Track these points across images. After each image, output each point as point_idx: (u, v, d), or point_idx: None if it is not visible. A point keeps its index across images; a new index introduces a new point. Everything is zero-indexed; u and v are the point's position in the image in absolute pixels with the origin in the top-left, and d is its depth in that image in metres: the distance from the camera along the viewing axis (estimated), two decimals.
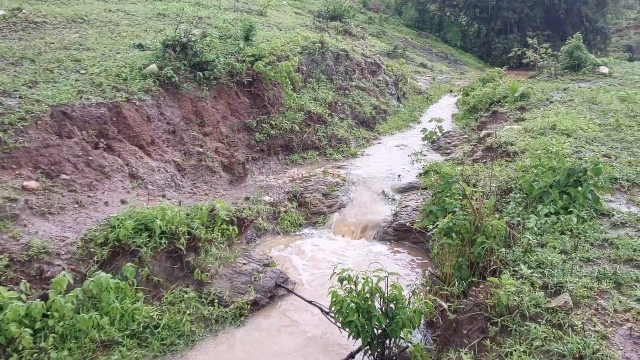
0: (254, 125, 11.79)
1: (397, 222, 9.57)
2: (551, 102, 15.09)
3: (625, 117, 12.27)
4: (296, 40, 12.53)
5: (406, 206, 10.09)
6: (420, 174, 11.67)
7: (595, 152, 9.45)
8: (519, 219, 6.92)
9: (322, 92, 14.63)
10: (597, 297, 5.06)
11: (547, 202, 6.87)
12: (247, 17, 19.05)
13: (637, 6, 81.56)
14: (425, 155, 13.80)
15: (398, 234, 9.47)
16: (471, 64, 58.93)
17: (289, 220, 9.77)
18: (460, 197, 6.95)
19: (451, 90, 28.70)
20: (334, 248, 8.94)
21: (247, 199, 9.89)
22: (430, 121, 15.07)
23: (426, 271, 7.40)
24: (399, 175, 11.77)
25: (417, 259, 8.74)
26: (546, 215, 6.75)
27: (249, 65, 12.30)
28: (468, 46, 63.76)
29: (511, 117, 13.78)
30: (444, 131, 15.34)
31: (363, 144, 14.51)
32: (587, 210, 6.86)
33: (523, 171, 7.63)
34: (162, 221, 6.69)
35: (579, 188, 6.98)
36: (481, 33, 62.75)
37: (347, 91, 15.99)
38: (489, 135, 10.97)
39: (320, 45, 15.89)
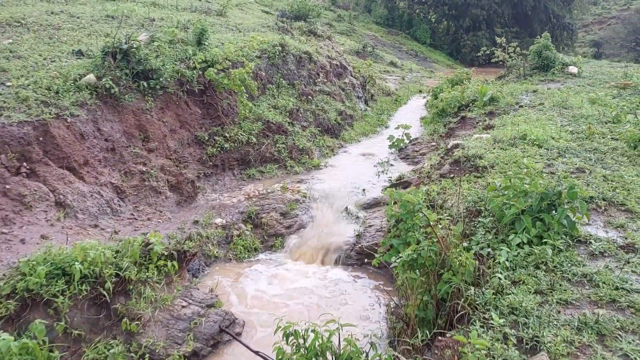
0: (206, 138, 10.88)
1: (360, 245, 8.82)
2: (521, 106, 14.57)
3: (597, 123, 11.80)
4: (251, 45, 11.67)
5: (370, 226, 9.35)
6: (385, 188, 10.96)
7: (568, 164, 8.87)
8: (489, 249, 6.24)
9: (282, 99, 13.78)
10: (578, 353, 4.38)
11: (520, 230, 6.20)
12: (204, 18, 18.07)
13: (601, 1, 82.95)
14: (392, 164, 13.10)
15: (361, 257, 8.72)
16: (441, 61, 58.86)
17: (243, 245, 8.92)
18: (425, 226, 6.21)
19: (420, 91, 28.23)
20: (292, 277, 8.13)
21: (195, 222, 9.00)
22: (397, 128, 14.39)
23: (389, 308, 6.65)
24: (364, 190, 11.03)
25: (381, 287, 8.01)
26: (519, 245, 6.08)
27: (201, 72, 11.36)
28: (438, 43, 63.77)
29: (480, 123, 13.18)
30: (411, 138, 14.67)
31: (327, 153, 13.72)
32: (562, 238, 6.23)
33: (493, 192, 6.95)
34: (83, 264, 5.76)
35: (554, 213, 6.34)
36: (450, 30, 62.82)
37: (310, 97, 15.17)
38: (456, 146, 10.31)
39: (280, 48, 15.01)
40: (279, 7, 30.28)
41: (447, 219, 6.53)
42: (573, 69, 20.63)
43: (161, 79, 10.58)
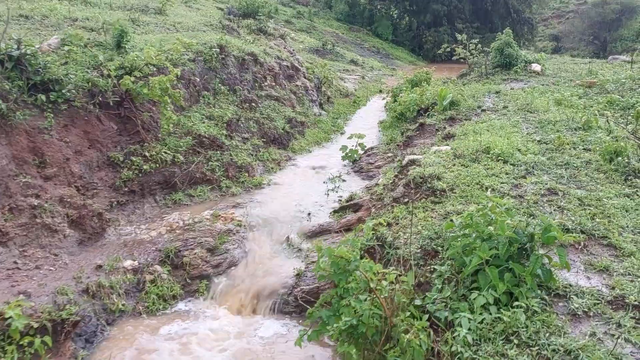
0: (121, 159, 9.24)
1: (299, 289, 7.39)
2: (483, 110, 13.41)
3: (566, 130, 10.69)
4: (176, 48, 10.09)
5: (314, 261, 7.90)
6: (333, 212, 9.57)
7: (537, 185, 7.65)
8: (447, 312, 4.89)
9: (220, 108, 12.20)
10: None
11: (484, 286, 4.87)
12: (137, 17, 16.31)
13: None
14: (344, 180, 11.72)
15: (301, 304, 7.27)
16: (403, 58, 58.03)
17: (158, 294, 7.37)
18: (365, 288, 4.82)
19: (381, 91, 27.01)
20: (213, 338, 6.63)
21: (99, 267, 7.39)
22: (350, 137, 13.02)
23: None
24: (309, 214, 9.62)
25: (327, 343, 6.59)
26: (484, 306, 4.76)
27: (117, 81, 9.71)
28: (400, 40, 62.98)
29: (440, 131, 11.92)
30: (366, 148, 13.32)
31: (272, 168, 12.23)
32: (537, 293, 4.94)
33: (451, 234, 5.61)
34: None
35: (526, 262, 5.04)
36: (412, 26, 62.06)
37: (254, 103, 13.64)
38: (412, 163, 8.98)
39: (218, 50, 13.42)
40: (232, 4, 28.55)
41: (394, 272, 5.15)
42: (536, 67, 19.71)
43: (64, 91, 8.88)
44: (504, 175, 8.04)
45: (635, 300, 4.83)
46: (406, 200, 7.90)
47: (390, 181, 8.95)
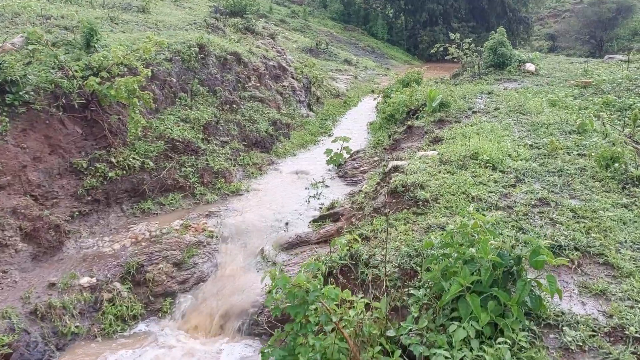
0: (85, 165, 8.63)
1: (269, 309, 6.77)
2: (474, 112, 12.85)
3: (559, 133, 10.13)
4: (145, 47, 9.47)
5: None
6: (313, 221, 8.99)
7: (528, 194, 7.08)
8: (423, 347, 4.31)
9: (196, 110, 11.59)
10: None
11: (465, 317, 4.29)
12: (116, 16, 15.69)
13: None
14: (327, 186, 11.13)
15: (273, 323, 6.67)
16: (398, 57, 57.52)
17: (116, 314, 6.78)
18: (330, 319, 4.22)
19: (373, 91, 26.42)
20: None
21: (52, 285, 6.79)
22: (334, 141, 12.43)
23: None
24: (287, 224, 9.03)
25: None
26: (464, 341, 4.18)
27: (82, 82, 9.10)
28: (395, 39, 62.51)
29: (428, 134, 11.34)
30: (352, 152, 12.73)
31: (253, 173, 11.63)
32: (524, 324, 4.36)
33: (430, 253, 5.03)
34: None
35: (512, 289, 4.47)
36: (408, 25, 61.54)
37: (235, 105, 13.04)
38: (396, 170, 8.40)
39: (198, 49, 12.81)
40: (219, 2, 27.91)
41: (363, 300, 4.56)
42: (530, 67, 19.16)
43: (22, 93, 8.27)
44: (492, 184, 7.47)
45: (635, 332, 4.27)
46: (387, 210, 7.32)
47: (372, 189, 8.37)
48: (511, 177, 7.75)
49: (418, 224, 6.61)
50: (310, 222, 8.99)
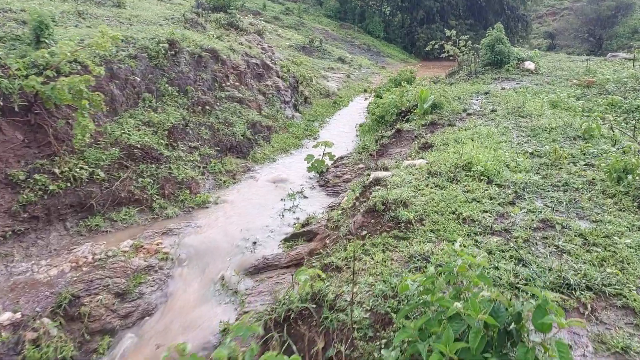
0: (22, 177, 7.53)
1: None
2: (469, 114, 11.79)
3: (563, 139, 9.06)
4: (98, 42, 8.39)
5: (246, 312, 6.25)
6: (284, 240, 7.91)
7: (529, 214, 6.02)
8: None
9: (162, 113, 10.50)
10: None
11: None
12: (84, 9, 14.58)
13: None
14: (306, 197, 10.05)
15: None
16: (395, 55, 56.47)
17: (40, 358, 5.68)
18: None
19: (365, 90, 25.29)
20: None
21: None
22: (316, 146, 11.35)
23: None
24: (255, 243, 7.95)
25: None
26: None
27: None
28: (391, 37, 61.46)
29: (417, 140, 10.28)
30: (335, 158, 11.65)
31: (225, 182, 10.54)
32: None
33: (407, 304, 3.97)
34: None
35: (510, 354, 3.40)
36: (405, 23, 60.44)
37: (208, 106, 11.94)
38: (377, 183, 7.32)
39: (167, 45, 11.71)
40: None
41: None
42: (530, 65, 18.10)
43: None
44: (487, 201, 6.41)
45: None
46: (364, 233, 6.24)
47: (350, 204, 7.29)
48: (509, 192, 6.69)
49: (399, 251, 5.54)
50: (281, 241, 7.92)
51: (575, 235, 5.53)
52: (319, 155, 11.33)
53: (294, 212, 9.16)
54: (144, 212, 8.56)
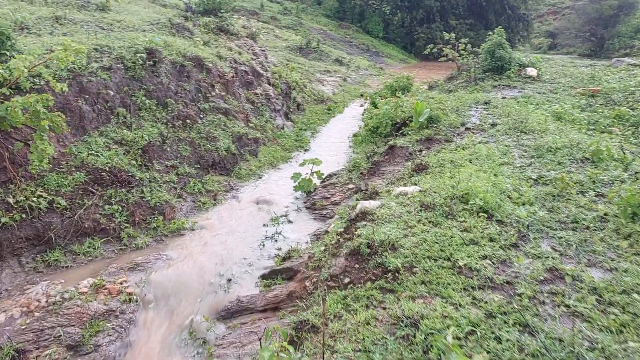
0: None
1: None
2: (467, 128, 11.04)
3: (569, 161, 8.30)
4: (59, 57, 7.62)
5: None
6: (263, 277, 7.17)
7: (534, 261, 5.28)
8: None
9: (137, 129, 9.74)
10: None
11: None
12: (63, 14, 13.81)
13: None
14: (290, 221, 9.30)
15: None
16: (394, 55, 55.68)
17: None
18: None
19: (362, 95, 24.57)
20: None
21: None
22: (302, 164, 10.60)
23: None
24: (229, 281, 7.20)
25: None
26: None
27: None
28: (391, 37, 60.70)
29: (411, 160, 9.53)
30: (324, 176, 10.90)
31: (204, 204, 9.78)
32: None
33: None
34: None
35: None
36: (405, 23, 59.64)
37: (189, 120, 11.18)
38: (363, 217, 6.57)
39: (145, 55, 10.95)
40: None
41: None
42: (532, 71, 17.34)
43: None
44: (486, 243, 5.66)
45: None
46: (347, 281, 5.50)
47: (334, 241, 6.54)
48: (512, 231, 5.94)
49: (385, 309, 4.79)
50: (259, 278, 7.18)
51: (588, 291, 4.79)
52: (306, 173, 10.58)
53: (276, 240, 8.42)
54: (111, 243, 7.81)
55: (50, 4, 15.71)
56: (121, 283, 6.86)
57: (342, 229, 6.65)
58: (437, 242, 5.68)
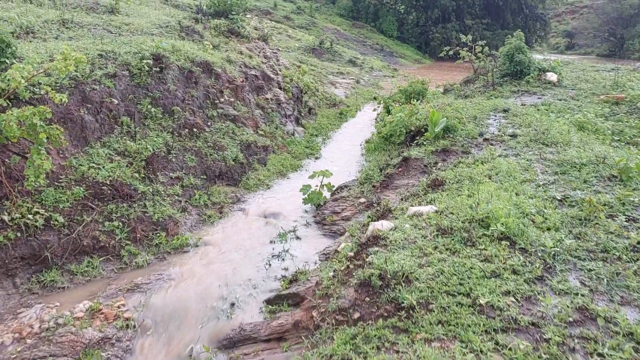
0: None
1: None
2: (486, 139, 10.54)
3: (596, 179, 7.78)
4: (58, 67, 7.29)
5: None
6: (267, 302, 6.78)
7: (562, 298, 4.81)
8: None
9: (141, 139, 9.41)
10: None
11: None
12: (79, 16, 13.55)
13: None
14: (298, 238, 8.90)
15: None
16: (408, 56, 55.02)
17: None
18: None
19: (375, 98, 24.04)
20: None
21: None
22: (312, 176, 10.19)
23: None
24: (233, 305, 6.82)
25: None
26: None
27: None
28: (405, 36, 60.05)
29: (426, 174, 9.08)
30: (335, 188, 10.48)
31: (210, 217, 9.41)
32: None
33: None
34: None
35: None
36: (420, 22, 58.93)
37: (196, 129, 10.83)
38: (375, 242, 6.14)
39: (151, 61, 10.61)
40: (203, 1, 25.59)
41: None
42: (552, 77, 16.73)
43: None
44: (509, 276, 5.20)
45: None
46: (357, 316, 5.08)
47: (344, 267, 6.12)
48: (537, 262, 5.47)
49: (397, 353, 4.37)
50: (264, 303, 6.78)
51: (623, 336, 4.32)
52: (316, 185, 10.17)
53: (283, 259, 8.02)
54: (110, 261, 7.46)
55: (59, 7, 15.47)
56: (119, 307, 6.52)
57: (353, 254, 6.22)
58: (455, 274, 5.24)
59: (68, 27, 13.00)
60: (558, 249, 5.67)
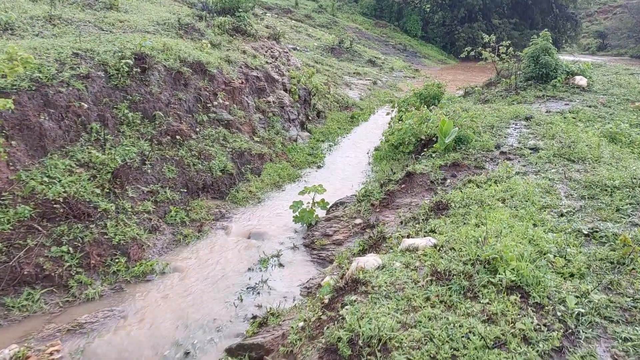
0: None
1: None
2: (503, 152, 9.26)
3: (631, 207, 6.47)
4: (1, 67, 6.34)
5: None
6: (228, 351, 5.68)
7: None
8: None
9: (111, 149, 8.42)
10: None
11: None
12: (69, 11, 12.72)
13: None
14: (281, 265, 7.78)
15: None
16: (432, 56, 53.42)
17: None
18: None
19: (391, 101, 22.75)
20: None
21: None
22: (302, 192, 9.07)
23: None
24: (187, 354, 5.75)
25: None
26: None
27: None
28: (430, 36, 58.40)
29: (432, 190, 7.87)
30: (329, 206, 9.34)
31: (186, 237, 8.37)
32: None
33: None
34: None
35: None
36: (445, 21, 57.20)
37: (179, 136, 9.82)
38: (355, 287, 4.99)
39: (133, 61, 9.64)
40: None
41: None
42: (581, 81, 15.25)
43: None
44: (518, 347, 3.99)
45: None
46: None
47: (315, 317, 4.98)
48: (555, 324, 4.24)
49: None
50: (224, 353, 5.69)
51: None
52: (309, 202, 9.05)
53: (258, 292, 6.93)
54: (55, 293, 6.48)
55: (53, 2, 14.69)
56: (51, 354, 5.51)
57: (328, 300, 5.08)
58: (447, 341, 4.05)
59: (54, 23, 12.17)
60: (583, 309, 4.42)
